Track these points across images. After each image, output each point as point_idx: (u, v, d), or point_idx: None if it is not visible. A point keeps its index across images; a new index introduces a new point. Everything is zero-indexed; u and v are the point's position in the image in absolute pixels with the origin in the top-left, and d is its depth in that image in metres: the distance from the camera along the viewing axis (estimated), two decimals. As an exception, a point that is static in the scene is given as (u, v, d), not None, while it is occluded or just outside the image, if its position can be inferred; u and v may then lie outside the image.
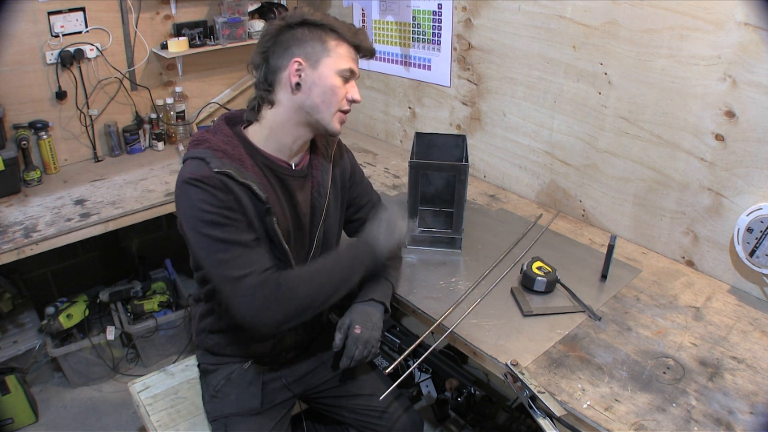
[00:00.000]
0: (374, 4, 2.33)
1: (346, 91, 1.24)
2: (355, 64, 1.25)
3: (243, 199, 1.16)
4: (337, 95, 1.22)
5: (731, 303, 1.43)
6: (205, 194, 1.11)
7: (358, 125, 2.73)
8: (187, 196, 1.12)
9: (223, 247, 1.11)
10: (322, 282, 1.20)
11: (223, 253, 1.11)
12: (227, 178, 1.14)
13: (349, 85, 1.25)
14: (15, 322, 2.26)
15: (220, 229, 1.11)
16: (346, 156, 1.46)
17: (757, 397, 1.12)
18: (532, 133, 1.92)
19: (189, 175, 1.12)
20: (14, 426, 2.08)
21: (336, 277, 1.22)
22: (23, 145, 2.06)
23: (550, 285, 1.43)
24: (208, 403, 1.42)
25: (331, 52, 1.20)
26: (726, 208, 1.47)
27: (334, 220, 1.40)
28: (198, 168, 1.13)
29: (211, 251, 1.12)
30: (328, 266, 1.23)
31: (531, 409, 1.10)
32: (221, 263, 1.11)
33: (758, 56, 1.31)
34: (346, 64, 1.22)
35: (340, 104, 1.24)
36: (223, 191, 1.12)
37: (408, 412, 1.46)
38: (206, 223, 1.11)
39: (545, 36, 1.76)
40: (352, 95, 1.25)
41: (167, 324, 2.34)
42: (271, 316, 1.13)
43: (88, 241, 1.91)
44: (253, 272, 1.12)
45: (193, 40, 2.39)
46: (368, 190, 1.52)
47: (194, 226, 1.12)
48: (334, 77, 1.21)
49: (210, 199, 1.11)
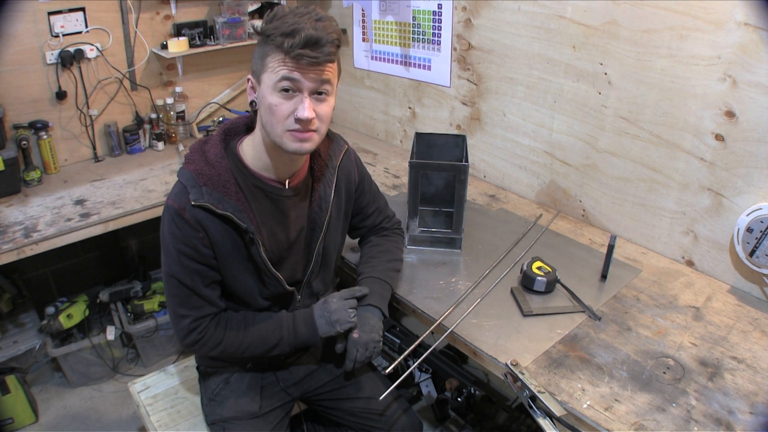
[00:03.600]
0: (374, 4, 2.33)
1: (293, 108, 1.07)
2: (295, 73, 1.04)
3: (216, 234, 1.15)
4: (276, 114, 1.07)
5: (731, 303, 1.43)
6: (175, 228, 1.14)
7: (358, 125, 2.73)
8: (163, 219, 1.17)
9: (175, 282, 1.18)
10: (248, 344, 1.25)
11: (175, 288, 1.19)
12: (204, 211, 1.12)
13: (296, 100, 1.07)
14: (15, 322, 2.26)
15: (178, 266, 1.17)
16: (355, 166, 1.39)
17: (757, 397, 1.12)
18: (532, 133, 1.92)
19: (170, 201, 1.15)
20: (14, 426, 2.08)
21: (261, 345, 1.26)
22: (23, 145, 2.07)
23: (550, 285, 1.43)
24: (207, 407, 1.42)
25: (267, 64, 1.07)
26: (726, 208, 1.47)
27: (336, 232, 1.37)
28: (178, 198, 1.14)
29: (169, 277, 1.19)
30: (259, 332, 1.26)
31: (531, 409, 1.10)
32: (171, 295, 1.20)
33: (758, 56, 1.31)
34: (278, 77, 1.05)
35: (284, 124, 1.08)
36: (194, 228, 1.13)
37: (407, 414, 1.46)
38: (169, 254, 1.17)
39: (545, 36, 1.76)
40: (297, 113, 1.06)
41: (167, 324, 2.34)
42: (197, 352, 1.38)
43: (88, 241, 1.91)
44: (190, 316, 1.20)
45: (193, 40, 2.39)
46: (376, 197, 1.49)
47: (163, 247, 1.19)
48: (271, 94, 1.07)
49: (178, 234, 1.14)
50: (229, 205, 1.13)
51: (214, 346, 1.23)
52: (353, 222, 1.47)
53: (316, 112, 1.09)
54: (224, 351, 1.24)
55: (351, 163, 1.39)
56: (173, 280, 1.18)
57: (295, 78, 1.05)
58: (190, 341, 1.21)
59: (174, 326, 1.23)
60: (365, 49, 2.48)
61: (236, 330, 1.25)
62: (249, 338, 1.25)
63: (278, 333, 1.27)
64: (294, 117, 1.07)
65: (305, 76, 1.05)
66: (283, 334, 1.27)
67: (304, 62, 1.03)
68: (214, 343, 1.23)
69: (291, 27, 1.02)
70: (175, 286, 1.18)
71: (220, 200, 1.13)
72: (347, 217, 1.42)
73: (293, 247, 1.30)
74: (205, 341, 1.22)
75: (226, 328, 1.24)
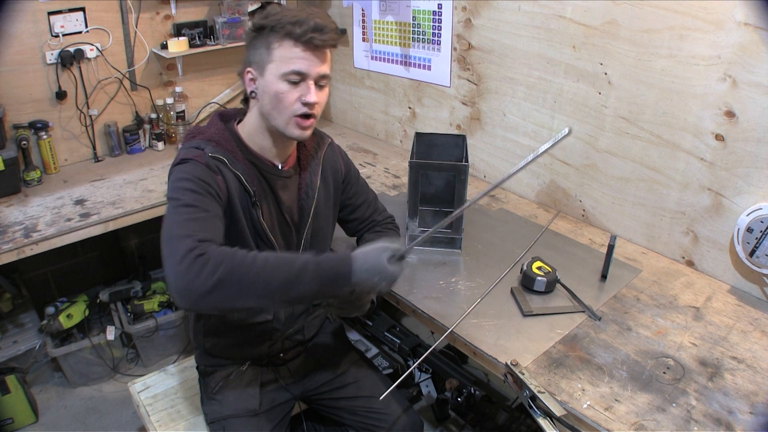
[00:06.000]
0: (374, 4, 2.33)
1: (298, 94, 1.15)
2: (303, 62, 1.13)
3: (232, 184, 1.18)
4: (283, 101, 1.15)
5: (731, 303, 1.43)
6: (193, 166, 1.14)
7: (358, 125, 2.73)
8: (175, 172, 1.15)
9: (182, 210, 1.05)
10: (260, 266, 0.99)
11: (179, 214, 1.05)
12: (221, 162, 1.18)
13: (302, 87, 1.15)
14: (15, 322, 2.26)
15: (190, 194, 1.08)
16: (340, 158, 1.45)
17: (757, 397, 1.12)
18: (532, 133, 1.92)
19: (182, 156, 1.16)
20: (14, 426, 2.08)
21: (276, 270, 1.00)
22: (23, 145, 2.06)
23: (550, 285, 1.43)
24: (207, 405, 1.42)
25: (273, 55, 1.14)
26: (726, 208, 1.47)
27: (324, 221, 1.40)
28: (191, 151, 1.17)
29: (170, 214, 1.05)
30: (275, 256, 1.04)
31: (531, 409, 1.10)
32: (171, 223, 1.03)
33: (758, 56, 1.31)
34: (288, 67, 1.13)
35: (292, 109, 1.16)
36: (213, 170, 1.16)
37: (407, 413, 1.46)
38: (179, 189, 1.09)
39: (545, 36, 1.76)
40: (305, 97, 1.15)
41: (167, 324, 2.34)
42: (192, 282, 0.95)
43: (88, 241, 1.91)
44: (193, 236, 0.99)
45: (193, 40, 2.39)
46: (364, 189, 1.52)
47: (169, 194, 1.11)
48: (277, 83, 1.14)
49: (195, 170, 1.13)
50: (238, 167, 1.20)
51: (216, 266, 0.96)
52: (343, 215, 1.49)
53: (318, 100, 1.18)
54: (228, 275, 0.96)
55: (336, 155, 1.44)
56: (179, 208, 1.05)
57: (302, 70, 1.13)
58: (187, 262, 0.95)
59: (169, 255, 0.98)
60: (365, 49, 2.48)
61: (245, 253, 1.01)
62: (261, 259, 1.00)
63: (301, 259, 1.02)
64: (302, 101, 1.15)
65: (313, 61, 1.14)
66: (307, 258, 1.03)
67: (315, 44, 1.12)
68: (217, 262, 0.96)
69: (295, 17, 1.12)
70: (180, 213, 1.05)
71: (232, 161, 1.20)
72: (336, 207, 1.45)
73: (285, 229, 1.33)
74: (206, 259, 0.96)
75: (233, 250, 1.01)
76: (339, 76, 2.70)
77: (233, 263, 0.97)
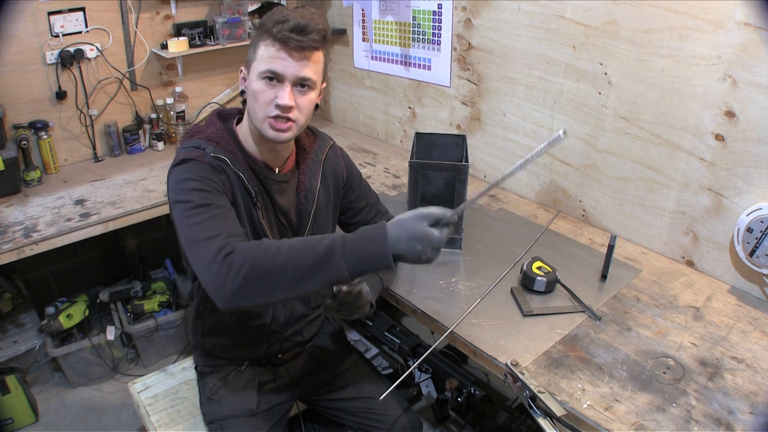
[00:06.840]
0: (374, 4, 2.33)
1: (274, 95, 1.12)
2: (279, 62, 1.10)
3: (234, 184, 1.18)
4: (258, 100, 1.13)
5: (731, 303, 1.43)
6: (196, 165, 1.13)
7: (358, 125, 2.73)
8: (177, 173, 1.13)
9: (197, 211, 1.06)
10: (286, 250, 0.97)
11: (195, 216, 1.05)
12: (223, 163, 1.17)
13: (277, 89, 1.12)
14: (15, 322, 2.26)
15: (200, 193, 1.08)
16: (342, 160, 1.42)
17: (757, 397, 1.12)
18: (532, 133, 1.92)
19: (183, 156, 1.14)
20: (14, 426, 2.08)
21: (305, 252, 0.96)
22: (23, 145, 2.06)
23: (550, 285, 1.43)
24: (205, 405, 1.42)
25: (257, 54, 1.13)
26: (726, 208, 1.47)
27: (324, 225, 1.38)
28: (192, 151, 1.16)
29: (185, 217, 1.06)
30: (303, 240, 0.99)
31: (531, 409, 1.10)
32: (191, 227, 1.04)
33: (758, 56, 1.31)
34: (264, 65, 1.11)
35: (266, 110, 1.13)
36: (216, 169, 1.15)
37: (407, 414, 1.46)
38: (187, 190, 1.09)
39: (545, 36, 1.76)
40: (277, 99, 1.12)
41: (167, 324, 2.34)
42: (226, 277, 0.96)
43: (88, 241, 1.91)
44: (221, 234, 1.01)
45: (193, 40, 2.39)
46: (366, 192, 1.50)
47: (176, 197, 1.09)
48: (256, 81, 1.13)
49: (199, 169, 1.12)
50: (239, 167, 1.19)
51: (242, 262, 0.95)
52: (345, 218, 1.48)
53: (297, 104, 1.14)
54: (252, 270, 0.95)
55: (337, 158, 1.41)
56: (192, 210, 1.05)
57: (276, 70, 1.10)
58: (218, 263, 0.96)
59: (196, 261, 1.00)
60: (365, 49, 2.48)
61: (269, 243, 1.00)
62: (285, 247, 0.97)
63: (326, 239, 0.97)
64: (275, 103, 1.12)
65: (289, 62, 1.10)
66: (333, 238, 0.97)
67: (291, 45, 1.09)
68: (242, 258, 0.96)
69: (282, 17, 1.09)
70: (196, 214, 1.05)
71: (233, 161, 1.19)
72: (336, 211, 1.43)
73: (281, 231, 1.31)
74: (233, 257, 0.96)
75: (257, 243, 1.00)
76: (339, 76, 2.70)
77: (256, 256, 0.96)
